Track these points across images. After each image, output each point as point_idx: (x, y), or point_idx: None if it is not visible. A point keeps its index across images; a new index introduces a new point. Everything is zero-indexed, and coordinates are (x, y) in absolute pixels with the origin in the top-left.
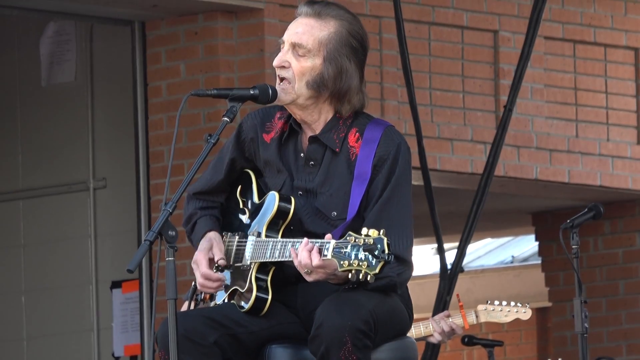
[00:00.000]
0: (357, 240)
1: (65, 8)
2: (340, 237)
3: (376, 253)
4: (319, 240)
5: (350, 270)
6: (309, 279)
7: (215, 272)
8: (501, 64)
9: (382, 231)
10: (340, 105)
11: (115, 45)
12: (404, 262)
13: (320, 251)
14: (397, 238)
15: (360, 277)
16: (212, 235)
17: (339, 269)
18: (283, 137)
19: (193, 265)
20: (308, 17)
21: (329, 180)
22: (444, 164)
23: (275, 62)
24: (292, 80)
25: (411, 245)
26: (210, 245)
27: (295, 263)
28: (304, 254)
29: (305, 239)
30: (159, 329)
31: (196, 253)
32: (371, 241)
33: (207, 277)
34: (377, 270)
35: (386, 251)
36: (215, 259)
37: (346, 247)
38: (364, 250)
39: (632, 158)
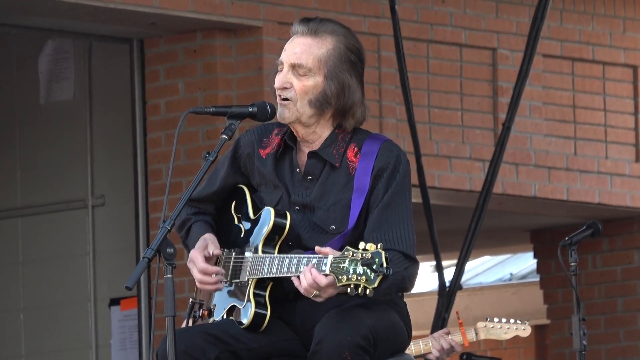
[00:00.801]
0: (354, 254)
1: (63, 26)
2: (339, 249)
3: (374, 267)
4: (317, 256)
5: (349, 285)
6: (320, 300)
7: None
8: (499, 82)
9: (379, 245)
10: (344, 121)
11: (113, 63)
12: (409, 258)
13: (318, 268)
14: (401, 236)
15: (359, 291)
16: (208, 236)
17: (337, 284)
18: (278, 153)
19: (189, 265)
20: (304, 36)
21: (326, 195)
22: (443, 182)
23: (277, 84)
24: (295, 99)
25: (414, 244)
26: (206, 244)
27: (302, 290)
28: (307, 275)
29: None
30: (159, 346)
31: (192, 252)
32: (369, 255)
33: (204, 272)
34: (375, 285)
35: (384, 265)
36: (210, 251)
37: (344, 262)
38: (362, 265)
39: (630, 176)
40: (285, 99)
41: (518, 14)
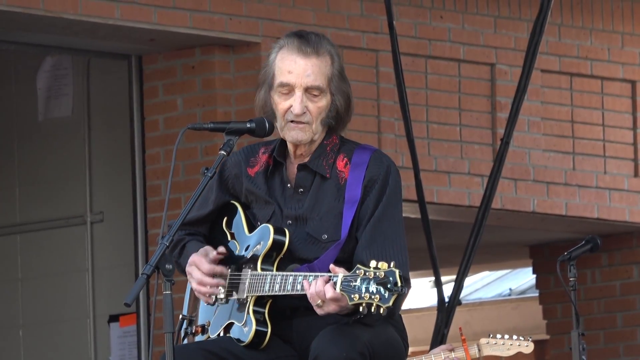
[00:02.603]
0: (367, 273)
1: (62, 42)
2: (335, 261)
3: (389, 286)
4: (326, 274)
5: (361, 304)
6: (320, 312)
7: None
8: (498, 97)
9: (392, 263)
10: (344, 128)
11: (112, 80)
12: (402, 279)
13: (334, 284)
14: (393, 255)
15: (372, 310)
16: (207, 247)
17: (349, 303)
18: (268, 170)
19: (188, 269)
20: (309, 57)
21: (318, 205)
22: (441, 197)
23: (297, 110)
24: (311, 122)
25: (407, 262)
26: (206, 252)
27: (308, 294)
28: (319, 283)
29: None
30: None
31: (193, 255)
32: (382, 274)
33: (210, 272)
34: (390, 304)
35: (399, 284)
36: (214, 253)
37: (355, 281)
38: (376, 284)
39: (629, 190)
40: (301, 122)
41: (516, 29)
